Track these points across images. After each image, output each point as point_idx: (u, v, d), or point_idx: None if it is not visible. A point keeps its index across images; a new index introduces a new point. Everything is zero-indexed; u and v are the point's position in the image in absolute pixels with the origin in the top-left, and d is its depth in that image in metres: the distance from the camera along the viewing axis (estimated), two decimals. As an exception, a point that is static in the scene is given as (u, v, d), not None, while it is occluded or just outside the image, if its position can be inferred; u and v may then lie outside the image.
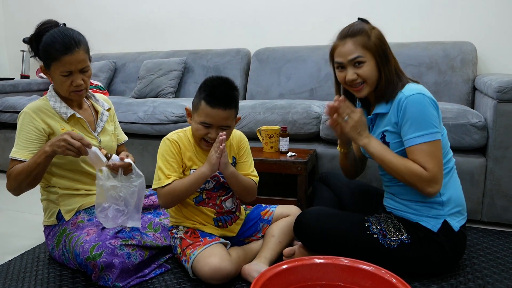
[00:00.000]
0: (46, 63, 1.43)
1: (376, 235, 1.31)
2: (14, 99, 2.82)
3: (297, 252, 1.42)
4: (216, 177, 1.44)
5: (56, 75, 1.42)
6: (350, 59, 1.30)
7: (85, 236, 1.37)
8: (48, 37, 1.40)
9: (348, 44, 1.30)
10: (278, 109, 2.16)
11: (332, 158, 2.04)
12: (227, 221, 1.48)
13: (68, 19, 3.90)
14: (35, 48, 1.46)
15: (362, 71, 1.30)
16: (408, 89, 1.27)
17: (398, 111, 1.28)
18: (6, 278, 1.43)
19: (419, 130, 1.23)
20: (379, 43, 1.30)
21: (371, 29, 1.31)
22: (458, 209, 1.34)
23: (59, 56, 1.38)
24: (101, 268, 1.28)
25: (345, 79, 1.33)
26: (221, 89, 1.33)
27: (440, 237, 1.30)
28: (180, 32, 3.31)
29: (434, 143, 1.24)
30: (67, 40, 1.39)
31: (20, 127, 1.43)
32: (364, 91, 1.33)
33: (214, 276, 1.28)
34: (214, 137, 1.34)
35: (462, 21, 2.53)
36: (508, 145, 1.71)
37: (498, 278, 1.34)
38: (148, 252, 1.43)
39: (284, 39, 2.96)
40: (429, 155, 1.23)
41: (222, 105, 1.31)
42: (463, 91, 2.32)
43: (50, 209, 1.53)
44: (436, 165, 1.23)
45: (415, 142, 1.24)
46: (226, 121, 1.34)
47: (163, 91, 2.93)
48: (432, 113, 1.24)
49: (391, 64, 1.32)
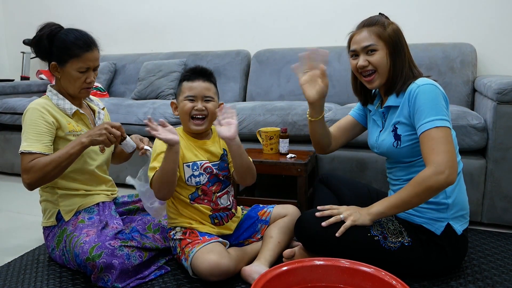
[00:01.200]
0: (62, 59, 1.46)
1: (377, 237, 1.30)
2: (14, 101, 2.82)
3: (297, 254, 1.42)
4: (209, 168, 1.45)
5: (73, 71, 1.46)
6: (363, 46, 1.34)
7: (84, 236, 1.37)
8: (67, 35, 1.46)
9: (364, 32, 1.35)
10: (278, 110, 2.16)
11: (332, 160, 2.04)
12: (223, 217, 1.48)
13: (68, 20, 3.89)
14: (46, 47, 1.47)
15: (374, 58, 1.33)
16: (421, 80, 1.29)
17: (409, 101, 1.29)
18: (6, 279, 1.43)
19: (430, 116, 1.23)
20: (394, 35, 1.33)
21: (389, 23, 1.36)
22: (462, 213, 1.34)
23: (81, 53, 1.44)
24: (100, 269, 1.28)
25: (356, 66, 1.37)
26: (198, 66, 1.48)
27: (443, 240, 1.29)
28: (180, 34, 3.31)
29: (444, 129, 1.22)
30: (87, 38, 1.47)
31: (28, 122, 1.44)
32: (376, 82, 1.36)
33: (213, 272, 1.28)
34: (200, 108, 1.41)
35: (461, 23, 2.53)
36: (508, 147, 1.71)
37: (499, 279, 1.34)
38: (147, 254, 1.43)
39: (284, 40, 2.97)
40: (438, 143, 1.20)
41: (201, 77, 1.43)
42: (463, 92, 2.32)
43: (50, 210, 1.53)
44: (440, 152, 1.19)
45: (425, 128, 1.23)
46: (208, 92, 1.43)
47: (163, 92, 2.93)
48: (443, 103, 1.25)
49: (405, 57, 1.34)
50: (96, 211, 1.52)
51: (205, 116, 1.43)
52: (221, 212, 1.48)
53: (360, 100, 1.54)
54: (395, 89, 1.34)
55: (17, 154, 1.46)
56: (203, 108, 1.42)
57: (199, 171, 1.44)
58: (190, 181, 1.44)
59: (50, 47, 1.47)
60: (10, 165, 2.84)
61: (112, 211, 1.56)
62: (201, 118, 1.43)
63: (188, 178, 1.43)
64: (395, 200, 1.25)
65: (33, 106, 1.46)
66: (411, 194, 1.22)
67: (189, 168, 1.44)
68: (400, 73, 1.33)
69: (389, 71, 1.34)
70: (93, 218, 1.48)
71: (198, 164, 1.44)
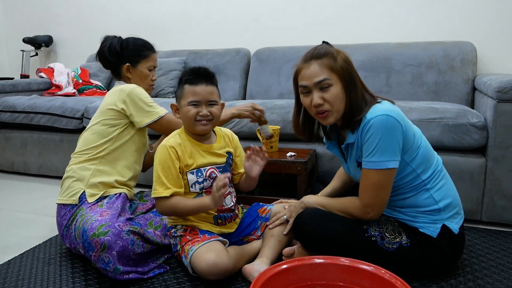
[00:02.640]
0: (135, 60, 1.70)
1: (375, 237, 1.30)
2: (13, 99, 2.81)
3: (296, 252, 1.42)
4: (214, 173, 1.46)
5: (144, 69, 1.72)
6: (316, 82, 1.24)
7: (97, 216, 1.40)
8: (136, 40, 1.74)
9: (314, 66, 1.24)
10: (278, 109, 2.16)
11: (332, 158, 2.04)
12: (226, 218, 1.49)
13: (68, 19, 3.87)
14: (118, 52, 1.69)
15: (329, 95, 1.24)
16: (372, 112, 1.22)
17: (362, 136, 1.25)
18: (6, 277, 1.43)
19: (374, 156, 1.22)
20: (345, 66, 1.25)
21: (337, 52, 1.27)
22: (455, 210, 1.33)
23: (149, 53, 1.73)
24: (103, 247, 1.29)
25: (311, 104, 1.27)
26: (200, 69, 1.44)
27: (440, 241, 1.29)
28: (180, 32, 3.31)
29: (382, 172, 1.22)
30: (150, 43, 1.76)
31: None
32: (330, 119, 1.28)
33: (211, 271, 1.28)
34: (205, 114, 1.40)
35: (462, 21, 2.53)
36: (508, 145, 1.71)
37: (498, 278, 1.34)
38: (149, 246, 1.44)
39: (284, 39, 2.96)
40: (373, 185, 1.24)
41: (204, 80, 1.41)
42: (463, 91, 2.32)
43: (74, 189, 1.55)
44: (371, 196, 1.25)
45: (365, 166, 1.25)
46: (212, 96, 1.42)
47: (163, 90, 2.93)
48: (391, 138, 1.20)
49: (358, 89, 1.26)
50: (114, 197, 1.56)
51: (210, 120, 1.43)
52: (225, 213, 1.48)
53: (304, 138, 1.44)
54: (351, 126, 1.28)
55: (17, 153, 1.47)
56: (208, 114, 1.41)
57: (203, 178, 1.44)
58: (194, 188, 1.44)
59: (122, 52, 1.69)
60: (10, 164, 2.84)
61: (127, 206, 1.59)
62: (206, 121, 1.43)
63: (192, 185, 1.43)
64: (327, 203, 1.38)
65: (134, 86, 1.64)
66: (340, 207, 1.34)
67: (193, 175, 1.43)
68: (355, 108, 1.25)
69: (344, 106, 1.26)
70: (110, 202, 1.51)
71: (202, 171, 1.44)
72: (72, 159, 1.64)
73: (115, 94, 1.62)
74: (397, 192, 1.32)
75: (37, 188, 2.52)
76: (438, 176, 1.32)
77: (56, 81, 3.22)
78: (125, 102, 1.59)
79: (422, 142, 1.31)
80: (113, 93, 1.64)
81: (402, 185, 1.30)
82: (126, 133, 1.63)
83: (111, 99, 1.63)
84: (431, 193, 1.30)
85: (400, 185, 1.30)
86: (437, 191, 1.30)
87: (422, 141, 1.31)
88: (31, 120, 2.69)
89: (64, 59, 3.71)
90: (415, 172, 1.29)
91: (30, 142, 2.75)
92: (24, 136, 2.76)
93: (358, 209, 1.29)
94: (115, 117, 1.61)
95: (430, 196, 1.30)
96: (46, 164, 2.72)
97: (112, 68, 1.74)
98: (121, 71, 1.72)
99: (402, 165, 1.26)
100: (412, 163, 1.28)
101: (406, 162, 1.27)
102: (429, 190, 1.30)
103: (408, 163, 1.27)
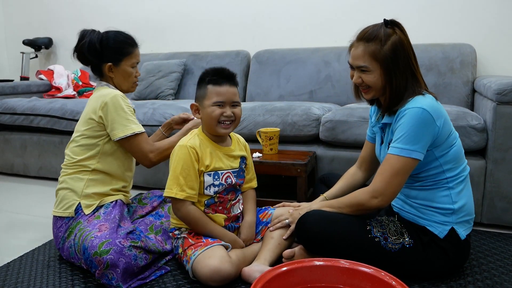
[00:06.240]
0: (117, 59, 1.58)
1: (378, 238, 1.30)
2: (13, 101, 2.81)
3: (297, 254, 1.41)
4: (229, 178, 1.45)
5: (127, 67, 1.60)
6: (356, 65, 1.32)
7: (96, 231, 1.37)
8: (117, 37, 1.58)
9: (359, 49, 1.30)
10: (277, 111, 2.16)
11: (332, 160, 2.04)
12: (235, 229, 1.50)
13: (68, 21, 3.87)
14: (98, 51, 1.55)
15: (367, 78, 1.31)
16: (414, 102, 1.25)
17: (396, 120, 1.29)
18: (5, 280, 1.43)
19: (401, 142, 1.24)
20: (390, 55, 1.25)
21: (389, 36, 1.26)
22: (467, 218, 1.34)
23: (132, 50, 1.60)
24: (106, 265, 1.28)
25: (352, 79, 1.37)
26: (223, 70, 1.44)
27: (445, 243, 1.29)
28: (180, 34, 3.31)
29: (404, 159, 1.24)
30: (132, 37, 1.62)
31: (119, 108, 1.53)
32: (369, 95, 1.36)
33: (213, 278, 1.27)
34: (229, 114, 1.40)
35: (461, 23, 2.53)
36: (507, 147, 1.71)
37: (499, 280, 1.34)
38: (152, 256, 1.44)
39: (283, 41, 2.97)
40: (390, 171, 1.25)
41: (228, 81, 1.41)
42: (463, 93, 2.32)
43: (69, 201, 1.52)
44: (384, 181, 1.26)
45: (390, 151, 1.27)
46: (235, 97, 1.42)
47: (162, 93, 2.93)
48: (421, 131, 1.22)
49: (402, 78, 1.27)
50: (111, 206, 1.53)
51: (232, 121, 1.43)
52: (233, 222, 1.49)
53: (357, 99, 1.49)
54: (388, 110, 1.33)
55: (17, 155, 1.47)
56: (232, 114, 1.40)
57: (219, 181, 1.43)
58: (208, 190, 1.42)
59: (102, 50, 1.56)
60: (10, 166, 2.84)
61: (125, 212, 1.57)
62: (228, 123, 1.42)
63: (207, 187, 1.42)
64: (334, 201, 1.40)
65: (115, 94, 1.52)
66: (346, 204, 1.35)
67: (210, 177, 1.42)
68: (394, 95, 1.29)
69: (384, 89, 1.30)
70: (107, 212, 1.48)
71: (219, 174, 1.43)
72: (63, 169, 1.59)
73: (98, 101, 1.52)
74: (418, 180, 1.33)
75: (37, 190, 2.51)
76: (462, 181, 1.33)
77: (56, 83, 3.22)
78: (102, 109, 1.50)
79: (457, 143, 1.32)
80: (96, 99, 1.54)
81: (426, 177, 1.32)
82: (112, 144, 1.55)
83: (91, 107, 1.54)
84: (451, 192, 1.31)
85: (424, 177, 1.32)
86: (457, 193, 1.31)
87: (457, 142, 1.33)
88: (31, 122, 2.69)
89: (64, 61, 3.71)
90: (441, 168, 1.30)
91: (30, 144, 2.75)
92: (24, 138, 2.76)
93: (366, 193, 1.30)
94: (96, 128, 1.53)
95: (449, 194, 1.31)
96: (45, 166, 2.72)
97: (92, 66, 1.62)
98: (102, 70, 1.60)
99: (430, 158, 1.28)
100: (440, 159, 1.29)
101: (435, 156, 1.29)
102: (449, 189, 1.31)
103: (437, 157, 1.29)
